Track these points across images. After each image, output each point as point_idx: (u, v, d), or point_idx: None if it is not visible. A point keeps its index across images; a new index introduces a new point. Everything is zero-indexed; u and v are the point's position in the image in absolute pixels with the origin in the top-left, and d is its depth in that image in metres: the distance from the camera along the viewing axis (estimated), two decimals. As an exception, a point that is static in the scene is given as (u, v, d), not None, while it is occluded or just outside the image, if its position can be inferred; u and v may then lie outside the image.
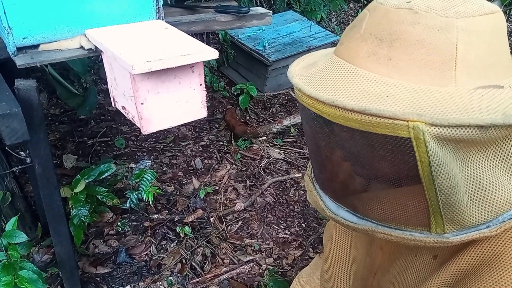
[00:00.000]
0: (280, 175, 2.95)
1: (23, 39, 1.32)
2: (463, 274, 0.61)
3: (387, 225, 0.61)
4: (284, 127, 3.33)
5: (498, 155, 0.55)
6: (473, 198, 0.55)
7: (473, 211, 0.56)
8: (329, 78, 0.59)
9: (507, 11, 4.58)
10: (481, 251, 0.60)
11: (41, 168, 1.50)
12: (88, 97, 2.76)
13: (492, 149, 0.55)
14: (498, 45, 0.57)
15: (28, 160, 1.53)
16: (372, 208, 0.64)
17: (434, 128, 0.49)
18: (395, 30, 0.55)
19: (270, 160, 3.07)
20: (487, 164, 0.55)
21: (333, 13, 5.39)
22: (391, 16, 0.56)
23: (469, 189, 0.55)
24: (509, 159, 0.56)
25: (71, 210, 2.02)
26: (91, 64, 3.38)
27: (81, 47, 1.40)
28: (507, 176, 0.56)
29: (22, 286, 1.50)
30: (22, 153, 1.55)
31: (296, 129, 3.42)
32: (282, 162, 3.07)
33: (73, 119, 3.16)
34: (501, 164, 0.56)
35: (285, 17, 4.30)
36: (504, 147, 0.55)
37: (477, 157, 0.54)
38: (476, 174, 0.55)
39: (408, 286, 0.70)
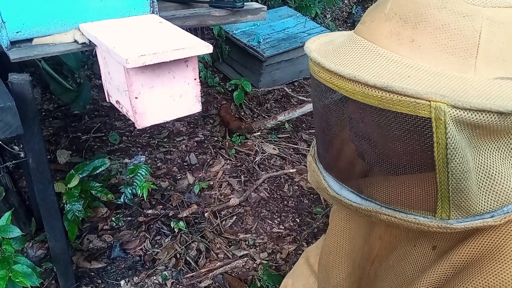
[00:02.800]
0: (275, 170, 2.95)
1: (17, 33, 1.31)
2: (463, 266, 0.61)
3: (392, 207, 0.61)
4: (279, 122, 3.33)
5: (508, 147, 0.56)
6: (481, 186, 0.56)
7: (479, 199, 0.56)
8: (349, 54, 0.59)
9: None
10: (481, 243, 0.60)
11: (35, 163, 1.50)
12: (81, 92, 2.76)
13: (504, 141, 0.55)
14: None
15: (22, 155, 1.53)
16: (378, 190, 0.64)
17: (456, 111, 0.49)
18: (421, 12, 0.55)
19: (265, 156, 3.08)
20: (498, 154, 0.55)
21: (328, 9, 5.40)
22: None
23: (478, 177, 0.55)
24: None
25: (65, 205, 2.01)
26: (85, 59, 3.36)
27: (75, 41, 1.40)
28: None
29: (16, 281, 1.50)
30: (16, 147, 1.55)
31: (291, 125, 3.43)
32: (276, 158, 3.08)
33: (66, 114, 3.15)
34: (510, 156, 0.57)
35: (280, 13, 4.30)
36: None
37: (489, 146, 0.55)
38: (487, 163, 0.55)
39: (406, 275, 0.70)
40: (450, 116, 0.49)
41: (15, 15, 1.28)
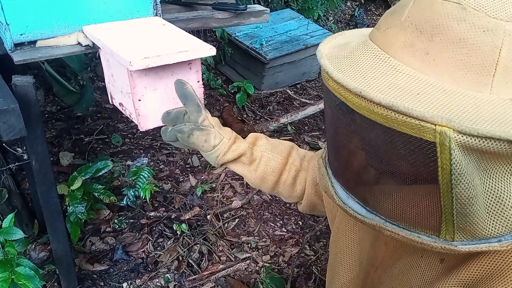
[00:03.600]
0: (277, 173, 2.95)
1: (21, 35, 1.31)
2: (472, 283, 0.60)
3: (396, 223, 0.60)
4: (281, 125, 3.33)
5: None
6: (490, 211, 0.53)
7: (487, 223, 0.54)
8: (359, 64, 0.57)
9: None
10: (492, 262, 0.59)
11: (38, 165, 1.50)
12: (84, 94, 2.76)
13: None
14: None
15: (25, 157, 1.53)
16: (383, 204, 0.62)
17: (462, 136, 0.47)
18: (439, 24, 0.52)
19: (267, 158, 3.07)
20: (510, 178, 0.53)
21: (330, 12, 5.40)
22: (437, 7, 0.52)
23: (486, 201, 0.53)
24: None
25: (67, 207, 2.01)
26: (88, 62, 3.37)
27: (79, 43, 1.40)
28: None
29: (19, 283, 1.50)
30: (19, 149, 1.55)
31: (293, 127, 3.43)
32: (279, 160, 3.07)
33: (69, 116, 3.15)
34: None
35: (283, 15, 4.30)
36: None
37: (501, 170, 0.52)
38: (497, 187, 0.53)
39: (412, 286, 0.69)
40: (456, 142, 0.47)
41: (19, 17, 1.28)
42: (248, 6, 1.85)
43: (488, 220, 0.54)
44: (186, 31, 1.40)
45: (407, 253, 0.72)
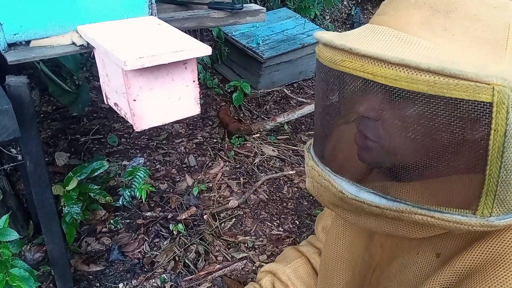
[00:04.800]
0: (274, 172, 2.95)
1: (14, 35, 1.30)
2: (466, 273, 0.59)
3: (426, 206, 0.55)
4: (278, 124, 3.32)
5: None
6: None
7: None
8: (378, 41, 0.55)
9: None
10: (485, 250, 0.58)
11: (32, 166, 1.49)
12: (80, 94, 2.74)
13: None
14: None
15: (20, 158, 1.52)
16: (409, 189, 0.58)
17: None
18: (453, 2, 0.54)
19: (264, 157, 3.07)
20: None
21: (327, 11, 5.39)
22: None
23: None
24: None
25: (63, 208, 2.00)
26: (83, 61, 3.35)
27: (73, 43, 1.39)
28: None
29: (13, 284, 1.49)
30: (13, 150, 1.53)
31: (290, 126, 3.42)
32: (275, 159, 3.07)
33: (65, 116, 3.14)
34: None
35: (279, 14, 4.29)
36: None
37: None
38: None
39: (410, 284, 0.68)
40: None
41: (13, 17, 1.27)
42: (244, 5, 1.84)
43: None
44: (182, 31, 1.39)
45: (403, 252, 0.71)
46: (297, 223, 2.57)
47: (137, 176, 2.39)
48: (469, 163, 0.54)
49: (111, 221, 2.37)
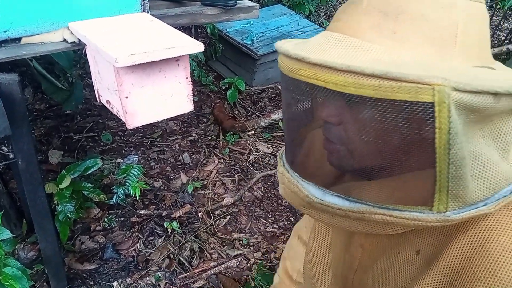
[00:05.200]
0: (269, 169, 2.94)
1: (5, 32, 1.29)
2: (455, 272, 0.59)
3: (385, 206, 0.58)
4: (273, 121, 3.32)
5: (491, 134, 0.56)
6: (473, 174, 0.55)
7: (473, 187, 0.55)
8: (331, 49, 0.57)
9: (494, 5, 4.61)
10: (465, 244, 0.59)
11: (24, 164, 1.47)
12: (74, 91, 2.73)
13: (487, 128, 0.56)
14: (486, 32, 0.60)
15: (12, 156, 1.50)
16: (369, 190, 0.61)
17: (457, 93, 0.48)
18: (400, 5, 0.56)
19: (259, 154, 3.06)
20: (483, 142, 0.55)
21: (322, 7, 5.39)
22: None
23: (470, 165, 0.54)
24: (500, 139, 0.57)
25: (56, 206, 1.99)
26: (77, 58, 3.33)
27: (65, 40, 1.38)
28: (498, 155, 0.57)
29: (6, 284, 1.48)
30: (5, 148, 1.52)
31: (285, 124, 3.42)
32: (270, 156, 3.07)
33: (58, 114, 3.12)
34: (493, 143, 0.57)
35: (274, 11, 4.28)
36: (497, 126, 0.56)
37: (476, 134, 0.54)
38: (476, 150, 0.54)
39: (397, 284, 0.68)
40: (453, 99, 0.48)
41: (3, 14, 1.26)
42: (237, 1, 1.83)
43: (473, 184, 0.55)
44: (175, 28, 1.38)
45: (384, 252, 0.72)
46: (292, 220, 2.57)
47: (131, 174, 2.38)
48: (420, 162, 0.56)
49: (105, 219, 2.36)
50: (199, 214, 2.50)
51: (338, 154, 0.65)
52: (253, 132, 3.26)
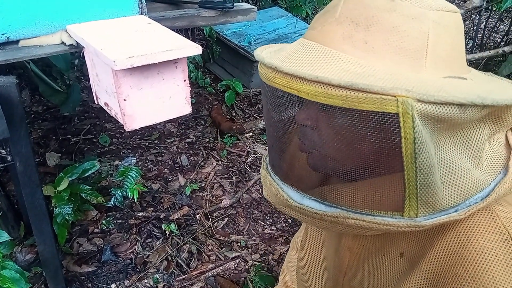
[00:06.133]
0: (266, 171, 2.94)
1: (2, 34, 1.29)
2: (437, 275, 0.60)
3: (358, 211, 0.59)
4: (270, 123, 3.32)
5: (463, 141, 0.57)
6: (444, 181, 0.56)
7: (444, 194, 0.56)
8: (304, 58, 0.58)
9: (489, 7, 4.63)
10: (446, 246, 0.60)
11: (22, 166, 1.47)
12: (71, 94, 2.73)
13: (458, 136, 0.57)
14: (460, 42, 0.61)
15: (9, 158, 1.50)
16: (343, 194, 0.62)
17: (421, 104, 0.49)
18: (372, 15, 0.56)
19: (256, 156, 3.07)
20: (454, 149, 0.57)
21: (319, 10, 5.40)
22: (367, 2, 0.57)
23: (441, 172, 0.56)
24: (471, 146, 0.58)
25: (54, 209, 1.99)
26: (74, 61, 3.33)
27: (62, 42, 1.38)
28: (470, 162, 0.58)
29: (4, 286, 1.47)
30: (2, 151, 1.52)
31: (282, 125, 3.42)
32: (268, 158, 3.07)
33: (56, 116, 3.12)
34: (465, 151, 0.58)
35: (271, 13, 4.29)
36: (468, 134, 0.58)
37: (447, 142, 0.56)
38: (446, 158, 0.56)
39: (382, 285, 0.69)
40: (417, 110, 0.49)
41: (0, 17, 1.26)
42: (235, 4, 1.84)
43: (444, 191, 0.56)
44: (173, 30, 1.39)
45: (370, 254, 0.73)
46: (290, 221, 2.57)
47: (129, 176, 2.38)
48: (389, 168, 0.58)
49: (103, 221, 2.36)
50: (197, 216, 2.50)
51: (310, 157, 0.68)
52: (250, 134, 3.27)
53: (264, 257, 2.31)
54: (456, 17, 0.60)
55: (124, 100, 1.23)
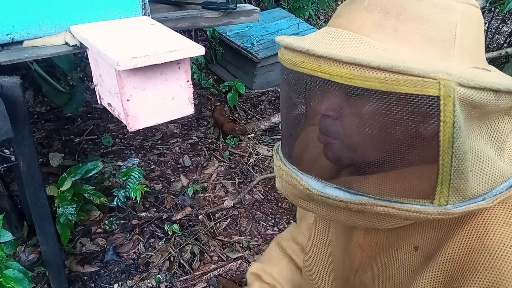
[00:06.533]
0: (269, 172, 2.95)
1: (7, 35, 1.30)
2: (455, 267, 0.60)
3: (386, 198, 0.58)
4: (273, 124, 3.33)
5: (488, 132, 0.58)
6: (472, 170, 0.56)
7: (472, 182, 0.56)
8: (334, 43, 0.57)
9: (492, 9, 4.63)
10: (463, 238, 0.60)
11: (25, 166, 1.48)
12: (74, 94, 2.74)
13: (485, 126, 0.57)
14: (481, 37, 0.61)
15: (13, 158, 1.51)
16: (370, 182, 0.61)
17: (461, 88, 0.50)
18: (401, 4, 0.57)
19: (259, 157, 3.07)
20: (481, 139, 0.57)
21: (321, 11, 5.40)
22: None
23: (470, 160, 0.55)
24: (496, 137, 0.59)
25: (57, 209, 2.00)
26: (78, 61, 3.34)
27: (66, 43, 1.39)
28: (495, 152, 0.59)
29: (7, 286, 1.48)
30: (6, 151, 1.53)
31: (285, 126, 3.42)
32: (270, 159, 3.07)
33: (59, 117, 3.13)
34: (490, 141, 0.58)
35: (273, 14, 4.29)
36: (494, 125, 0.58)
37: (475, 131, 0.56)
38: (475, 146, 0.56)
39: (395, 281, 0.69)
40: (458, 94, 0.49)
41: (5, 18, 1.27)
42: (238, 5, 1.84)
43: (473, 179, 0.56)
44: (176, 31, 1.39)
45: (382, 250, 0.72)
46: (292, 222, 2.57)
47: (132, 177, 2.39)
48: (423, 155, 0.57)
49: (106, 221, 2.36)
50: (200, 216, 2.50)
51: (333, 148, 0.66)
52: (253, 135, 3.27)
53: (266, 258, 2.31)
54: (477, 12, 0.61)
55: (127, 100, 1.23)
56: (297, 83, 0.64)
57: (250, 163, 3.00)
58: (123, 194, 2.40)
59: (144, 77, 1.23)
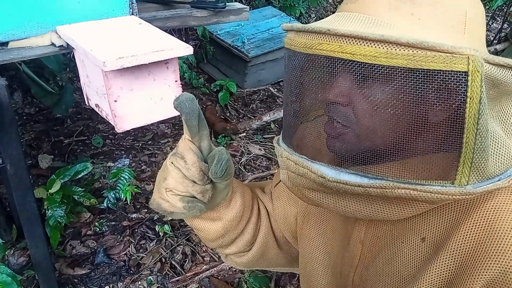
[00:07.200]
0: (261, 171, 2.94)
1: (-9, 36, 1.27)
2: (465, 254, 0.59)
3: (407, 181, 0.56)
4: (264, 123, 3.32)
5: (499, 114, 0.59)
6: (490, 149, 0.56)
7: (490, 162, 0.56)
8: (353, 24, 0.57)
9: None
10: (473, 226, 0.59)
11: (13, 169, 1.46)
12: (64, 95, 2.71)
13: (496, 108, 0.58)
14: (483, 29, 0.63)
15: (0, 161, 1.49)
16: (392, 166, 0.59)
17: (487, 65, 0.50)
18: None
19: (251, 157, 3.06)
20: (493, 120, 0.58)
21: (312, 9, 5.40)
22: None
23: (489, 139, 0.56)
24: (506, 120, 0.60)
25: (46, 211, 1.98)
26: (67, 62, 3.31)
27: (52, 44, 1.37)
28: (505, 134, 0.59)
29: (-5, 290, 1.46)
30: (-7, 153, 1.51)
31: (276, 125, 3.42)
32: (262, 158, 3.07)
33: (48, 118, 3.10)
34: (500, 124, 0.59)
35: (264, 13, 4.28)
36: (504, 108, 0.60)
37: (489, 113, 0.55)
38: (490, 127, 0.56)
39: (401, 274, 0.67)
40: (484, 70, 0.50)
41: (-11, 18, 1.24)
42: (227, 4, 1.83)
43: (490, 159, 0.56)
44: (165, 30, 1.38)
45: (385, 245, 0.71)
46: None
47: (122, 178, 2.37)
48: (447, 134, 0.56)
49: (96, 223, 2.34)
50: (191, 217, 2.48)
51: (346, 136, 0.63)
52: (244, 134, 3.26)
53: (259, 258, 2.30)
54: (481, 6, 0.63)
55: (115, 101, 1.21)
56: (310, 67, 0.62)
57: (242, 162, 2.99)
58: (113, 195, 2.38)
59: (131, 77, 1.21)
